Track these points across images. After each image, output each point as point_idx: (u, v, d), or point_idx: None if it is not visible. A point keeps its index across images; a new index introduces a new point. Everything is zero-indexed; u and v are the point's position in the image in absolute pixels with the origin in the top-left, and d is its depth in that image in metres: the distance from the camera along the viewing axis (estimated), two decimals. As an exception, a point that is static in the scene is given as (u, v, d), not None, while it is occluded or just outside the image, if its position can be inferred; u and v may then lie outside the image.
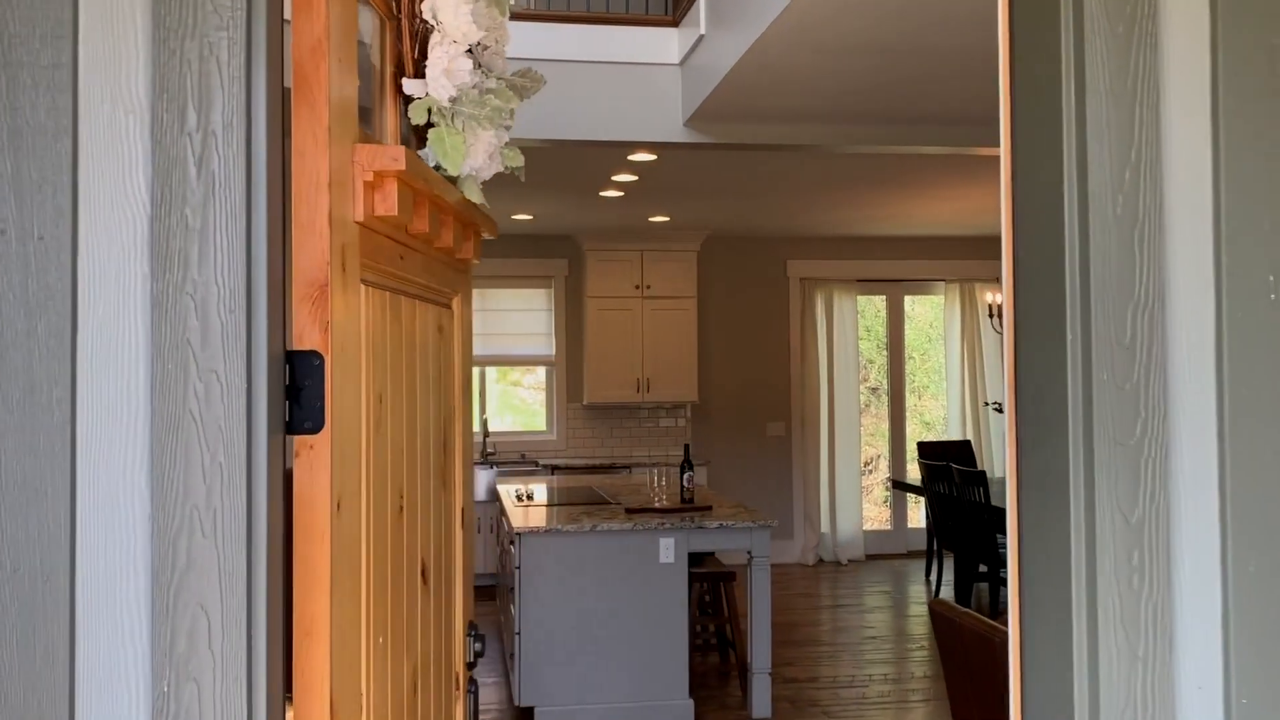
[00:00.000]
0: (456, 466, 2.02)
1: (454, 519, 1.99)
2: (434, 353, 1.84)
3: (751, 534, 5.03)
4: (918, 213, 7.69)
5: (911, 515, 9.48)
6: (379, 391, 1.53)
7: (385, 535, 1.56)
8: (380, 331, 1.55)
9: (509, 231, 8.48)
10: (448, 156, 1.67)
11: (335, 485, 1.38)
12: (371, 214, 1.47)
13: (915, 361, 9.76)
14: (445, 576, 1.90)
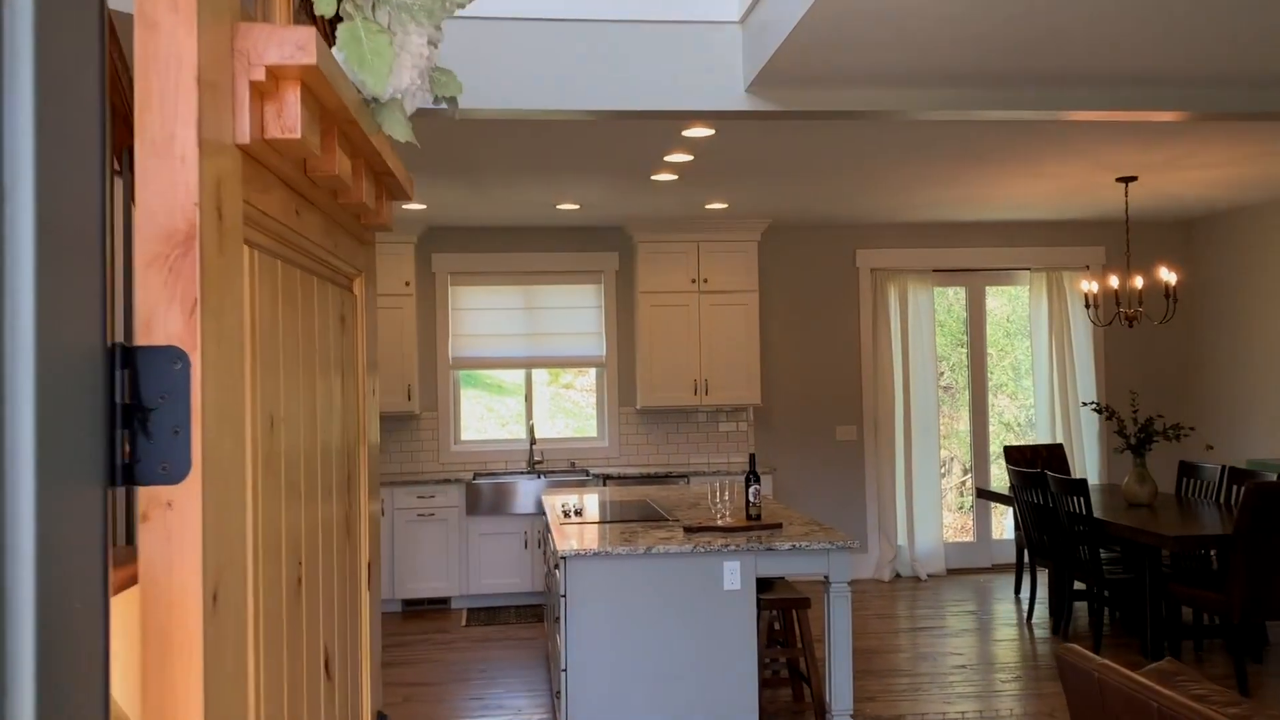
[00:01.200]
0: (362, 508, 1.43)
1: (360, 579, 1.40)
2: (336, 353, 1.25)
3: (829, 556, 4.39)
4: (1005, 193, 6.96)
5: (996, 525, 8.74)
6: (270, 411, 0.94)
7: (280, 627, 0.96)
8: (271, 320, 0.95)
9: (553, 223, 7.91)
10: (367, 64, 1.07)
11: (209, 565, 0.79)
12: (261, 136, 0.88)
13: (993, 358, 9.02)
14: (351, 660, 1.31)
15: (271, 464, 0.94)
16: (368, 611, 1.44)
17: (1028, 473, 6.53)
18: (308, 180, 1.07)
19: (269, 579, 0.93)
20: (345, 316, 1.34)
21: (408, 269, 7.68)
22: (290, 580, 1.01)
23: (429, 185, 6.29)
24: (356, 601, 1.37)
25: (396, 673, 5.94)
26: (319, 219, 1.15)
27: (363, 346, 1.48)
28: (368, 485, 1.50)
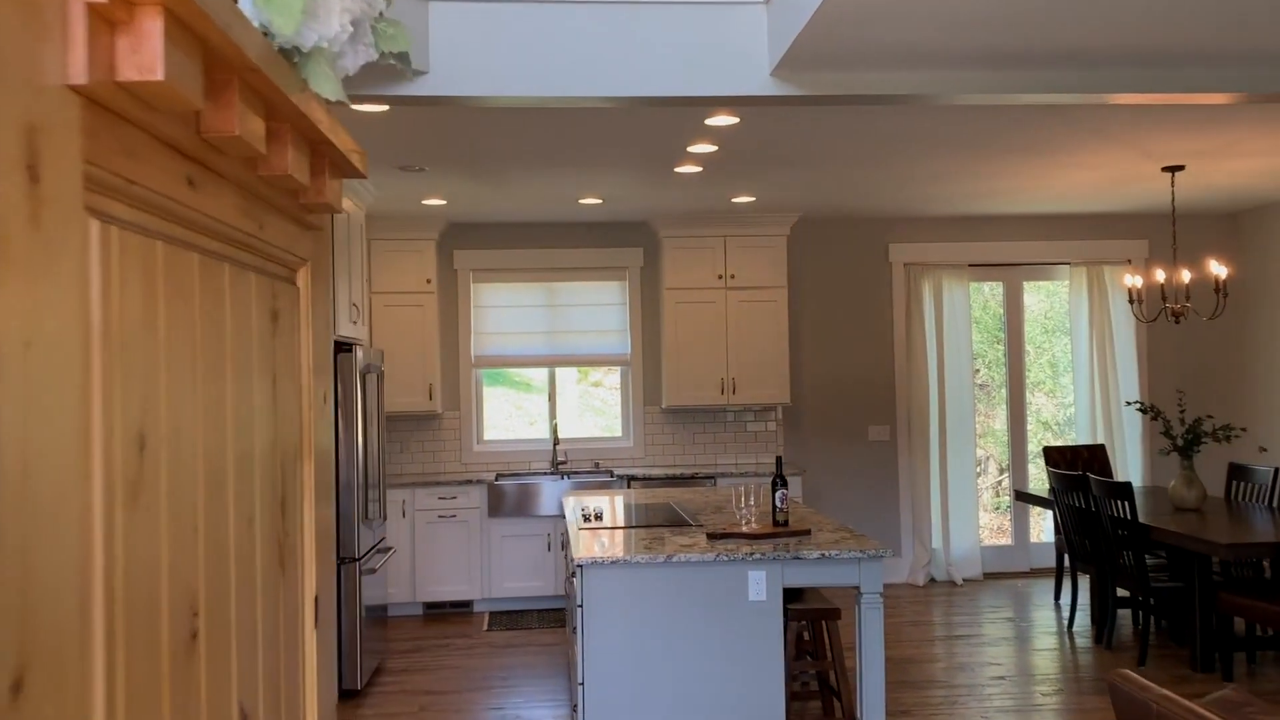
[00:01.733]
0: (305, 533, 1.24)
1: (302, 618, 1.21)
2: (264, 352, 1.05)
3: (860, 565, 4.16)
4: (1044, 185, 6.69)
5: (1034, 527, 8.45)
6: (138, 427, 0.74)
7: (160, 699, 0.77)
8: (144, 314, 0.76)
9: (577, 219, 7.72)
10: (273, 3, 0.88)
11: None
12: (110, 77, 0.68)
13: (1030, 355, 8.73)
14: (289, 711, 1.12)
15: (142, 493, 0.75)
16: (314, 655, 1.25)
17: (1068, 475, 6.26)
18: (207, 145, 0.87)
19: (141, 641, 0.74)
20: (280, 312, 1.15)
21: (429, 266, 7.52)
22: (178, 637, 0.82)
23: (448, 180, 6.12)
24: (297, 646, 1.17)
25: (413, 680, 5.77)
26: (233, 195, 0.96)
27: (308, 346, 1.29)
28: (313, 505, 1.31)
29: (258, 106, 0.90)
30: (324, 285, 1.39)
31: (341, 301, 5.60)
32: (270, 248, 1.09)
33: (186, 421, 0.85)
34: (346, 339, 5.70)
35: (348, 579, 5.46)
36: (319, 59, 0.99)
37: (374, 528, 5.89)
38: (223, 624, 0.93)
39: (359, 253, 6.09)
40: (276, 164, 0.99)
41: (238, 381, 0.99)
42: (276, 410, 1.13)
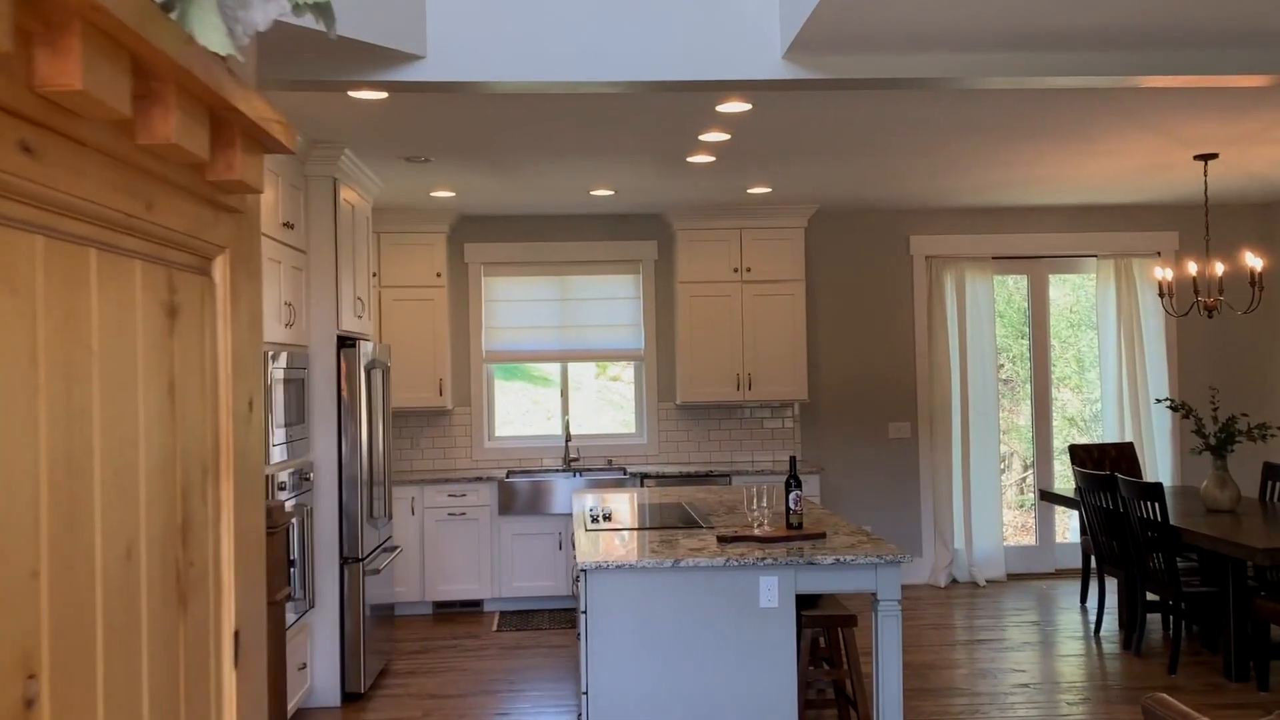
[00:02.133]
0: (224, 559, 1.08)
1: (216, 660, 1.05)
2: (155, 354, 0.89)
3: (877, 571, 3.98)
4: (1071, 174, 6.47)
5: (1060, 526, 8.23)
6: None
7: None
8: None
9: (589, 211, 7.55)
10: None
11: None
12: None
13: (1055, 350, 8.50)
14: None
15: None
16: (234, 700, 1.09)
17: (1096, 475, 6.05)
18: (49, 104, 0.71)
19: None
20: (181, 307, 0.99)
21: (439, 260, 7.37)
22: (2, 707, 0.66)
23: (455, 171, 5.96)
24: (207, 693, 1.02)
25: (419, 683, 5.64)
26: (99, 168, 0.80)
27: (226, 346, 1.13)
28: (232, 527, 1.15)
29: (115, 57, 0.74)
30: (251, 276, 1.23)
31: (346, 296, 5.46)
32: (166, 232, 0.93)
33: (17, 440, 0.69)
34: (351, 334, 5.56)
35: (351, 579, 5.32)
36: (203, 6, 0.83)
37: (379, 526, 5.75)
38: (81, 683, 0.77)
39: (364, 246, 5.95)
40: (158, 131, 0.83)
41: (111, 389, 0.83)
42: (175, 422, 0.98)
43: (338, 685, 5.27)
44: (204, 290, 1.09)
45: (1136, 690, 5.36)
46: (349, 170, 5.49)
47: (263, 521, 1.31)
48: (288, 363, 4.84)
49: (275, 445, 4.60)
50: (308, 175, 5.25)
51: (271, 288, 4.65)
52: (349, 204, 5.61)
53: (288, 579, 3.31)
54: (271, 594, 2.80)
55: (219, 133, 0.99)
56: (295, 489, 4.88)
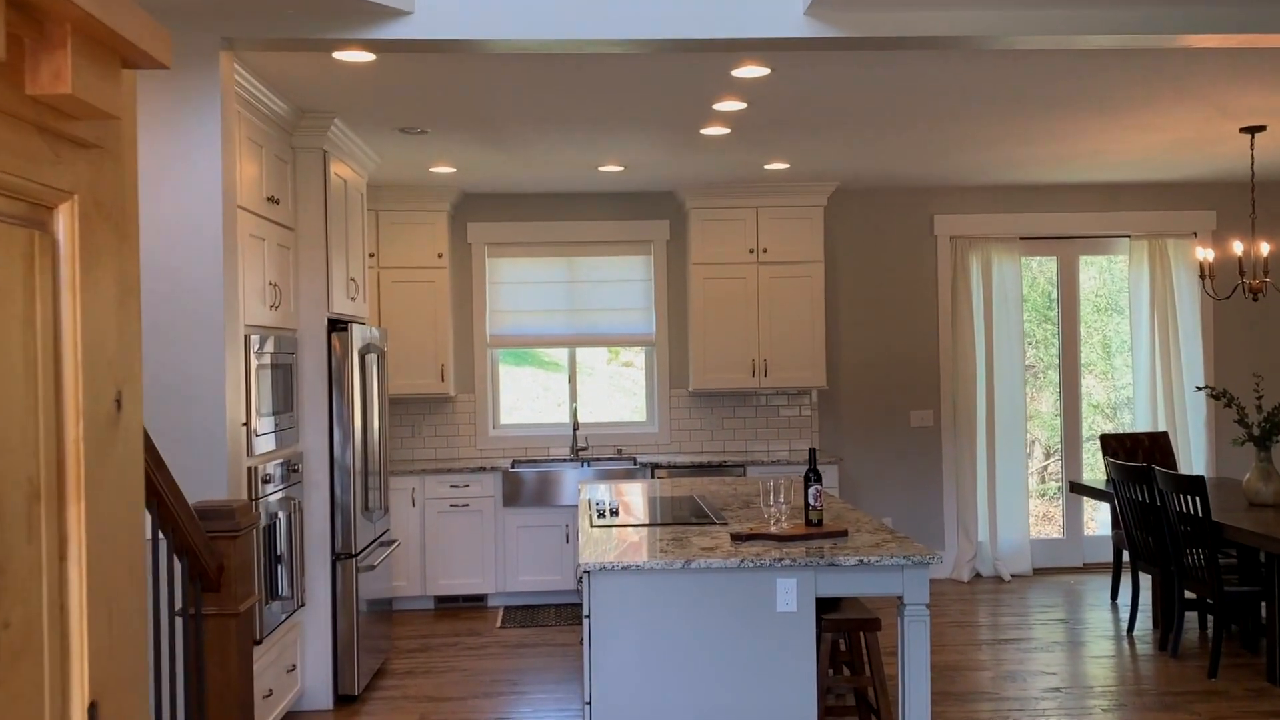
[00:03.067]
0: (70, 606, 0.78)
1: None
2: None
3: (904, 573, 3.67)
4: (1107, 149, 6.11)
5: (1088, 519, 7.90)
6: None
7: None
8: None
9: (598, 189, 7.23)
10: None
11: None
12: None
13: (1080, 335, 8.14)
14: None
15: None
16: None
17: (1131, 467, 5.72)
18: None
19: None
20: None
21: (441, 240, 7.07)
22: None
23: (454, 144, 5.65)
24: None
25: (416, 684, 5.36)
26: None
27: (73, 327, 0.82)
28: (84, 569, 0.84)
29: None
30: (121, 233, 0.92)
31: (338, 276, 5.16)
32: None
33: None
34: (343, 316, 5.27)
35: (343, 577, 5.04)
36: None
37: (375, 520, 5.47)
38: None
39: (358, 223, 5.65)
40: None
41: None
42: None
43: (330, 687, 5.00)
44: (32, 249, 0.79)
45: (1175, 695, 5.05)
46: (340, 142, 5.19)
47: (139, 549, 1.01)
48: (274, 347, 4.55)
49: (260, 435, 4.31)
50: (295, 147, 4.95)
51: (255, 267, 4.35)
52: (341, 178, 5.30)
53: (254, 585, 3.03)
54: (234, 604, 2.51)
55: (32, 28, 0.69)
56: (283, 481, 4.59)
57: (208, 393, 3.38)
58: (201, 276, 3.39)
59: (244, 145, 4.23)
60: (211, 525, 2.46)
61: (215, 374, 3.39)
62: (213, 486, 3.37)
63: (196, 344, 3.38)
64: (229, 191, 3.48)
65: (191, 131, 3.50)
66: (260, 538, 4.29)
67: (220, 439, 3.38)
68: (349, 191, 5.45)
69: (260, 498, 4.28)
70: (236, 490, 3.52)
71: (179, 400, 3.39)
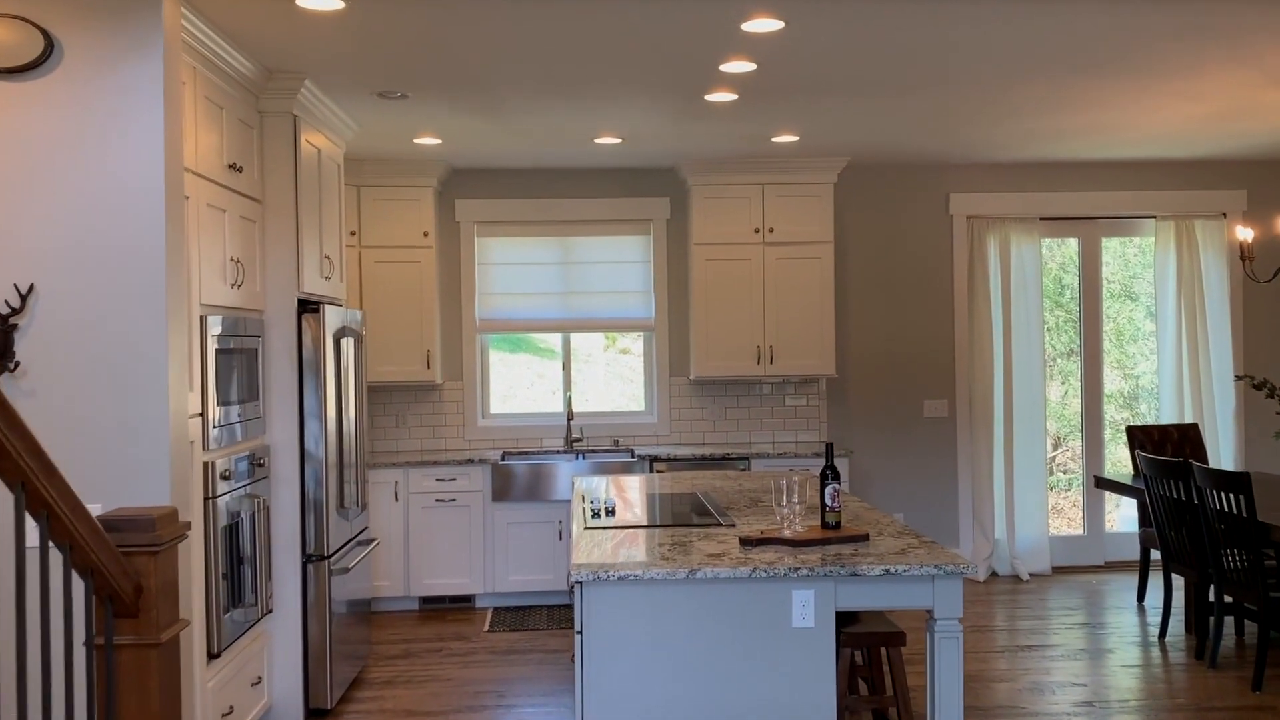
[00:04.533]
0: None
1: None
2: None
3: (934, 584, 3.27)
4: (1139, 120, 5.68)
5: (1109, 515, 7.51)
6: None
7: None
8: None
9: (594, 164, 6.80)
10: None
11: None
12: None
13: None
14: None
15: None
16: None
17: (1167, 462, 5.31)
18: None
19: None
20: None
21: (426, 217, 6.64)
22: None
23: (438, 112, 5.22)
24: None
25: (394, 696, 4.96)
26: None
27: None
28: None
29: None
30: None
31: (310, 253, 4.74)
32: None
33: None
34: (315, 297, 4.85)
35: (316, 581, 4.63)
36: None
37: (351, 518, 5.06)
38: None
39: (334, 197, 5.23)
40: None
41: None
42: None
43: (300, 700, 4.60)
44: None
45: (1217, 711, 4.66)
46: (312, 107, 4.76)
47: None
48: (237, 329, 4.13)
49: (215, 428, 3.89)
50: (263, 112, 4.52)
51: (214, 240, 3.93)
52: (315, 147, 4.88)
53: (181, 608, 2.63)
54: (155, 632, 2.10)
55: None
56: (246, 477, 4.18)
57: (148, 381, 2.97)
58: (141, 248, 2.97)
59: (201, 106, 3.81)
60: (126, 539, 2.06)
61: (156, 359, 2.97)
62: (153, 487, 2.96)
63: (135, 325, 2.97)
64: (173, 151, 3.05)
65: (130, 84, 3.07)
66: (218, 540, 3.88)
67: (161, 433, 2.97)
68: (323, 162, 5.03)
69: (216, 496, 3.87)
70: (183, 490, 3.11)
71: (115, 389, 2.97)
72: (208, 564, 3.83)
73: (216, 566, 3.87)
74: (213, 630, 3.85)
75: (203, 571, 3.79)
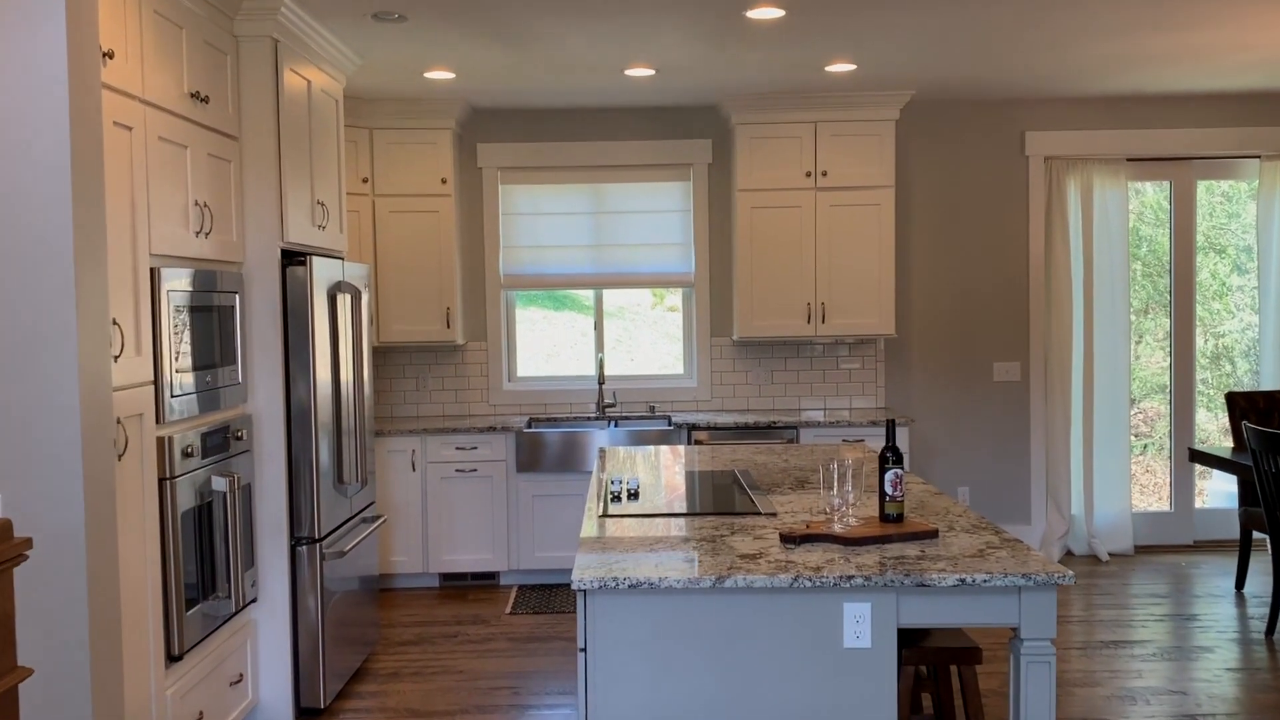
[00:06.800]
0: None
1: None
2: None
3: (1020, 597, 2.65)
4: (1240, 41, 4.89)
5: (1199, 490, 6.79)
6: None
7: None
8: None
9: (627, 102, 6.16)
10: None
11: None
12: None
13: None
14: None
15: None
16: None
17: (1275, 434, 4.61)
18: None
19: None
20: None
21: (445, 163, 6.06)
22: None
23: (446, 38, 4.62)
24: None
25: (398, 691, 4.46)
26: None
27: None
28: None
29: None
30: None
31: (298, 198, 4.19)
32: None
33: None
34: (304, 248, 4.30)
35: (306, 566, 4.13)
36: None
37: (350, 494, 4.54)
38: None
39: (331, 137, 4.66)
40: None
41: None
42: None
43: (290, 699, 4.11)
44: None
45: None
46: (299, 33, 4.17)
47: None
48: (205, 284, 3.60)
49: (175, 397, 3.37)
50: (238, 35, 3.95)
51: (169, 180, 3.39)
52: (304, 79, 4.30)
53: (13, 653, 2.11)
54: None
55: None
56: (218, 451, 3.66)
57: (50, 347, 2.43)
58: (36, 184, 2.42)
59: (150, 22, 3.25)
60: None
61: (63, 322, 2.43)
62: (58, 477, 2.43)
63: (32, 280, 2.42)
64: (81, 66, 2.49)
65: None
66: (178, 526, 3.37)
67: (69, 409, 2.43)
68: (316, 96, 4.45)
69: (175, 476, 3.35)
70: (101, 480, 2.58)
71: (20, 362, 2.44)
72: (165, 555, 3.33)
73: (176, 557, 3.36)
74: (171, 630, 3.35)
75: (158, 564, 3.28)
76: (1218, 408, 6.74)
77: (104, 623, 2.56)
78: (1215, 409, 6.78)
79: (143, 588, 3.19)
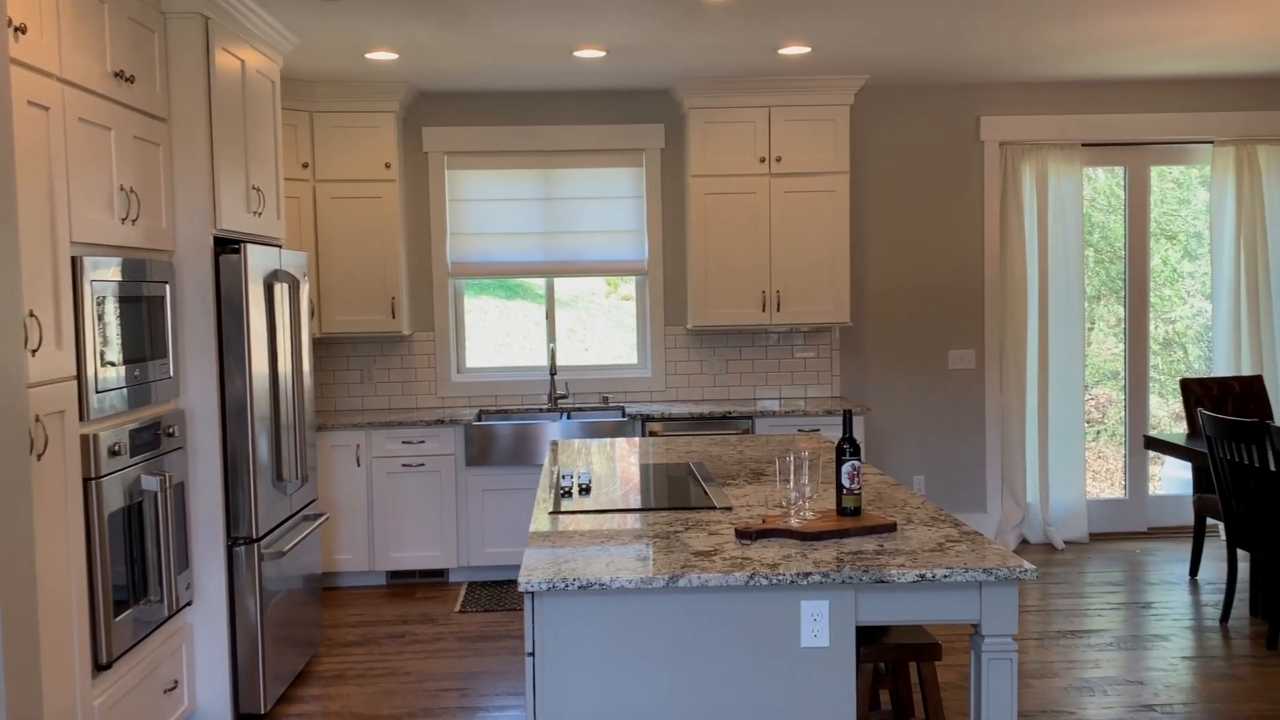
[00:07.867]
0: None
1: None
2: None
3: (982, 592, 2.57)
4: (1196, 26, 4.86)
5: (1153, 477, 6.80)
6: None
7: None
8: None
9: (577, 85, 6.01)
10: None
11: None
12: None
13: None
14: None
15: None
16: None
17: (1237, 422, 4.59)
18: None
19: None
20: None
21: (388, 147, 5.88)
22: None
23: (390, 17, 4.44)
24: None
25: (342, 695, 4.31)
26: None
27: None
28: None
29: None
30: None
31: (230, 184, 4.01)
32: None
33: None
34: (238, 235, 4.12)
35: (245, 567, 3.96)
36: None
37: (290, 492, 4.38)
38: None
39: (268, 120, 4.48)
40: None
41: None
42: None
43: (229, 705, 3.95)
44: None
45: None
46: (229, 9, 3.99)
47: None
48: (133, 274, 3.42)
49: (100, 393, 3.19)
50: (166, 13, 3.76)
51: (92, 163, 3.20)
52: (237, 59, 4.12)
53: None
54: None
55: None
56: (148, 449, 3.49)
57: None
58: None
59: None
60: None
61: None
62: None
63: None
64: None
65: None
66: (105, 529, 3.20)
67: (-27, 407, 2.26)
68: (250, 77, 4.27)
69: (101, 476, 3.18)
70: (13, 478, 2.41)
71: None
72: (90, 559, 3.15)
73: (104, 560, 3.19)
74: (99, 638, 3.18)
75: (83, 568, 3.11)
76: (1169, 394, 6.76)
77: (18, 631, 2.39)
78: (1167, 395, 6.80)
79: (66, 593, 3.02)
